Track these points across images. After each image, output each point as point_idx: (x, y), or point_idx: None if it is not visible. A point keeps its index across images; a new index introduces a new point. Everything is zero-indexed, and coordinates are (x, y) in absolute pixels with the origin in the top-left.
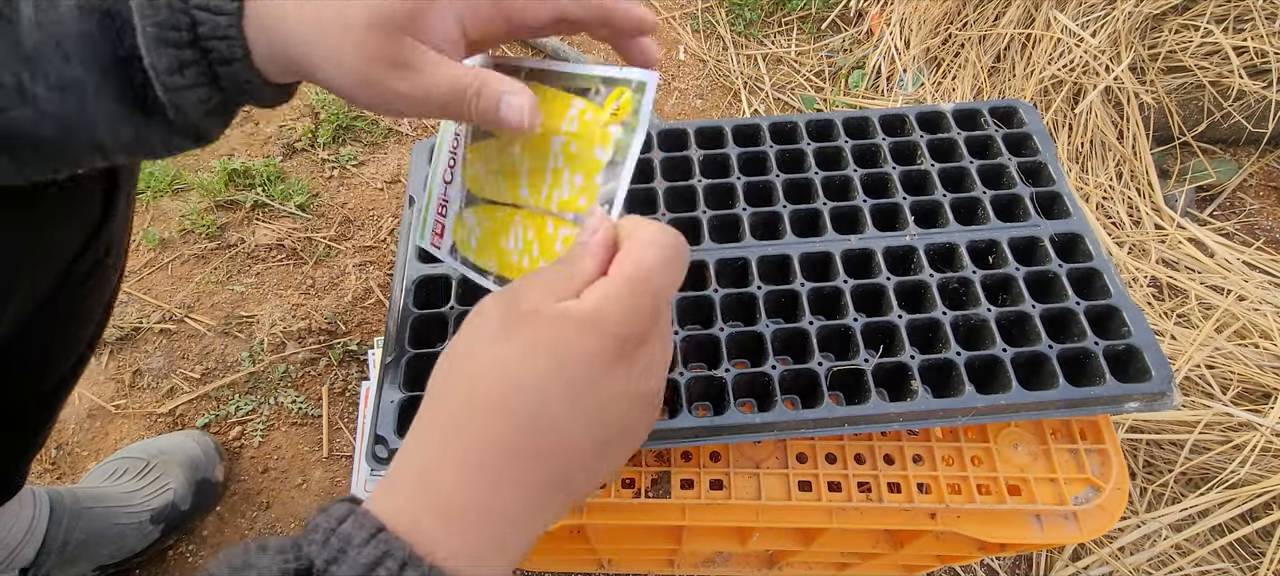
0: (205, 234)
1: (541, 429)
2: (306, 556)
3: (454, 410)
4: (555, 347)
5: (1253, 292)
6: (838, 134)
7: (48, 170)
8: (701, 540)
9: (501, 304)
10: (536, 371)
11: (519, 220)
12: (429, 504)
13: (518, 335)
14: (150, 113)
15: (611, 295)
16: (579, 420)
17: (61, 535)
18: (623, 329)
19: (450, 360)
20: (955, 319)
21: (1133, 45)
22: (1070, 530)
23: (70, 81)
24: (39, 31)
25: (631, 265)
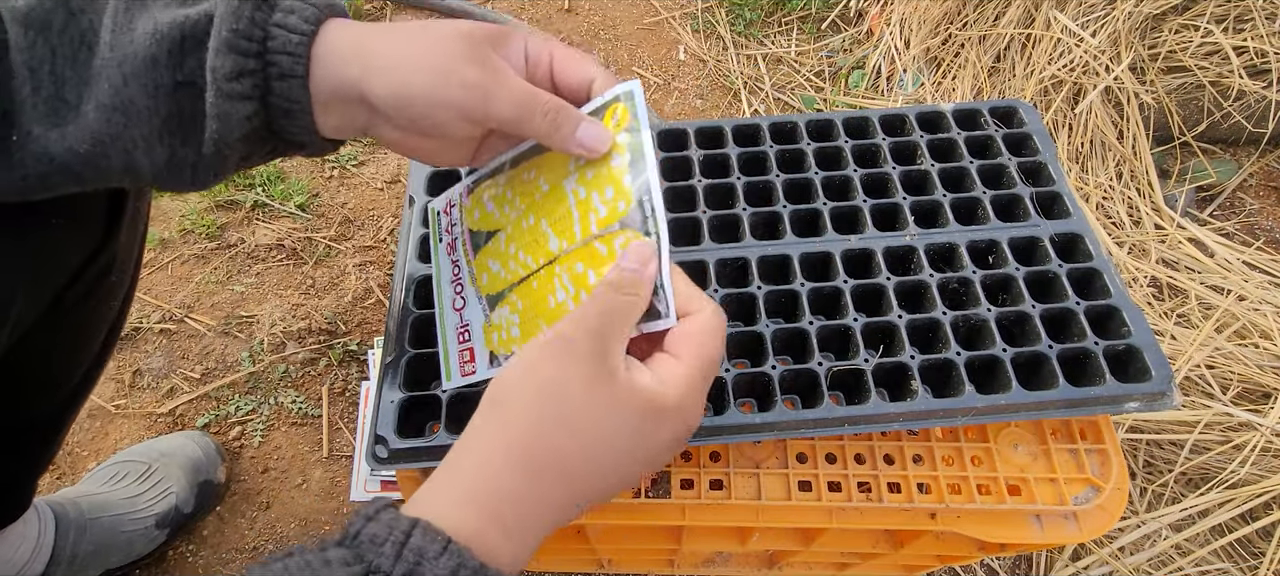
0: (205, 234)
1: (607, 476)
2: (379, 568)
3: (534, 440)
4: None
5: (1253, 292)
6: (838, 134)
7: (71, 186)
8: (701, 540)
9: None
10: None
11: (560, 269)
12: (496, 519)
13: (608, 397)
14: (188, 139)
15: (693, 387)
16: (637, 469)
17: (69, 548)
18: (694, 420)
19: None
20: (955, 319)
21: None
22: (1070, 530)
23: (122, 102)
24: (110, 52)
25: (699, 358)
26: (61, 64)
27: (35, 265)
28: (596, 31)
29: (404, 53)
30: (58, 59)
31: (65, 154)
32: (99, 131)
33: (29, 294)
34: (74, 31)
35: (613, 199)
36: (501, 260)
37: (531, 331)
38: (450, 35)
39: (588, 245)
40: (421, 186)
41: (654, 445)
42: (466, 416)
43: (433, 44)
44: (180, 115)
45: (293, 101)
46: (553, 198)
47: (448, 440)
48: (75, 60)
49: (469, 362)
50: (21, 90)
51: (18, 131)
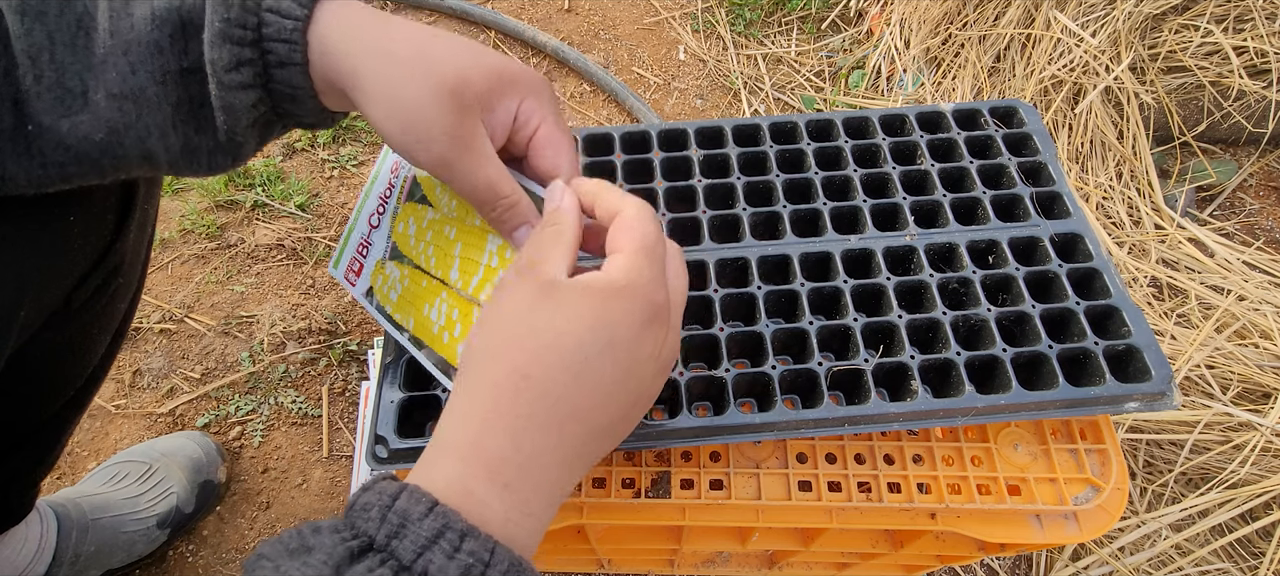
0: (205, 234)
1: (584, 387)
2: (365, 533)
3: (500, 376)
4: (597, 312)
5: (1253, 293)
6: (838, 134)
7: (92, 177)
8: (701, 540)
9: (525, 276)
10: (579, 333)
11: (445, 297)
12: (480, 469)
13: (557, 303)
14: (201, 126)
15: (635, 266)
16: (616, 377)
17: (71, 549)
18: (652, 295)
19: (488, 331)
20: (955, 319)
21: (1133, 45)
22: (1070, 530)
23: (131, 90)
24: (111, 39)
25: (639, 238)
26: (61, 50)
27: (43, 267)
28: (596, 31)
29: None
30: (56, 45)
31: (80, 143)
32: (113, 120)
33: (37, 296)
34: (70, 16)
35: None
36: (417, 231)
37: (404, 314)
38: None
39: (471, 304)
40: None
41: (626, 333)
42: None
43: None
44: (190, 101)
45: (295, 88)
46: (477, 237)
47: None
48: (73, 46)
49: (356, 275)
50: (25, 79)
51: (32, 122)
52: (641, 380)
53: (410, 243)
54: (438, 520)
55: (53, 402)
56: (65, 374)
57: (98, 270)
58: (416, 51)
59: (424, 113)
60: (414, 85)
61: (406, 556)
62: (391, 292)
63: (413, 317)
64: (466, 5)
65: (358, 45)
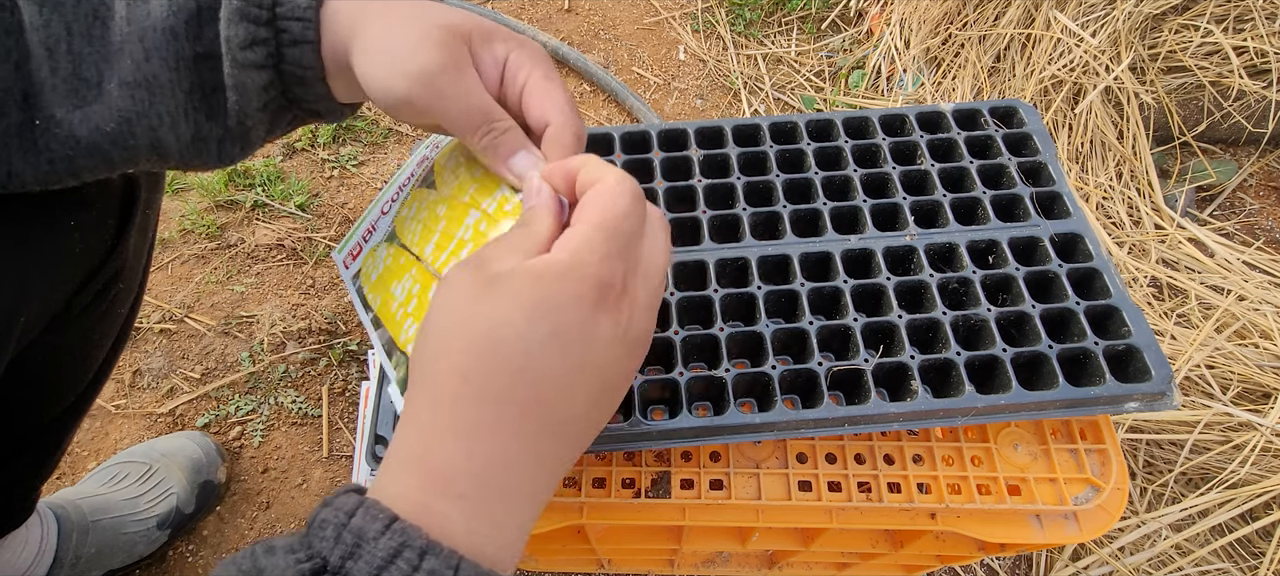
0: (205, 234)
1: (531, 381)
2: (319, 554)
3: (440, 378)
4: (536, 299)
5: (1253, 293)
6: (838, 134)
7: (100, 170)
8: (701, 540)
9: (470, 270)
10: (518, 324)
11: (414, 272)
12: (433, 482)
13: (495, 294)
14: (213, 113)
15: (585, 243)
16: (568, 366)
17: (72, 550)
18: (602, 273)
19: (427, 333)
20: (955, 319)
21: (1133, 45)
22: (1070, 530)
23: (145, 77)
24: (127, 26)
25: (598, 212)
26: (78, 40)
27: (45, 273)
28: (596, 31)
29: (385, 35)
30: (74, 36)
31: (91, 134)
32: (124, 108)
33: (38, 301)
34: (86, 6)
35: None
36: (414, 214)
37: (376, 293)
38: (433, 23)
39: (433, 277)
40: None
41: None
42: None
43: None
44: (202, 88)
45: (305, 68)
46: (461, 211)
47: None
48: (90, 36)
49: (353, 257)
50: (40, 71)
51: (40, 115)
52: (604, 366)
53: (406, 224)
54: (395, 538)
55: (54, 407)
56: (66, 378)
57: (99, 275)
58: (416, 7)
59: (413, 40)
60: (407, 25)
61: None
62: (372, 273)
63: (381, 298)
64: (466, 5)
65: (359, 11)
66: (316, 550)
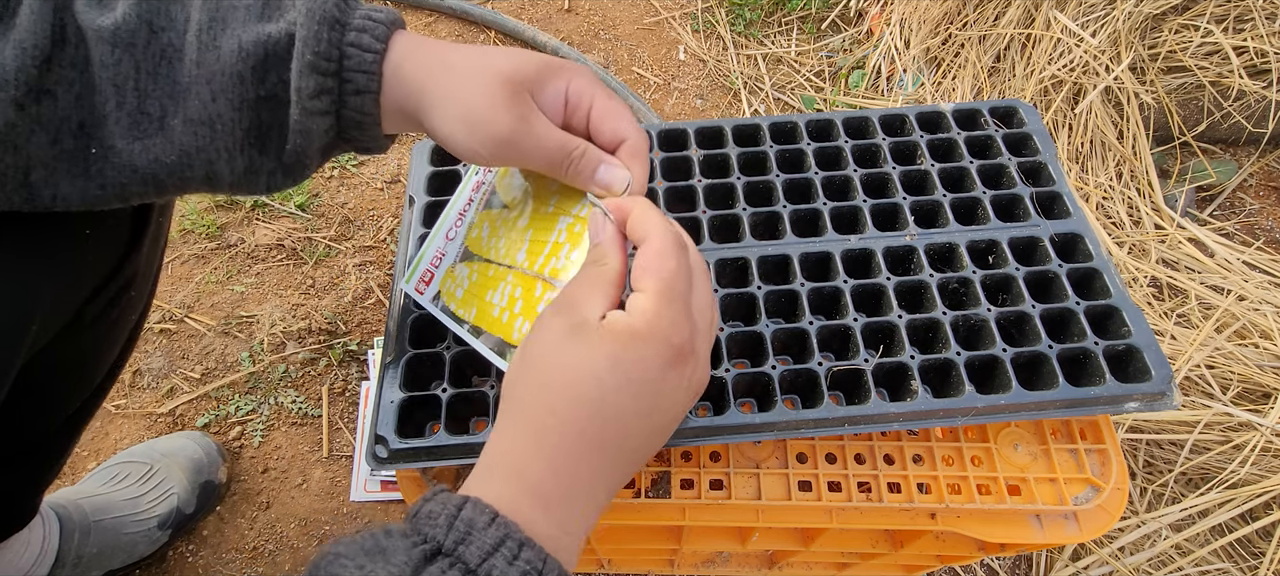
0: (205, 234)
1: (606, 422)
2: (433, 538)
3: (537, 412)
4: (616, 356)
5: (1253, 293)
6: (838, 134)
7: (151, 196)
8: (701, 540)
9: (561, 315)
10: (601, 376)
11: (511, 279)
12: (527, 492)
13: (582, 345)
14: (266, 149)
15: (656, 311)
16: (639, 410)
17: (73, 550)
18: (672, 338)
19: (524, 366)
20: (955, 319)
21: (1133, 45)
22: (1070, 530)
23: (209, 116)
24: (197, 69)
25: (656, 279)
26: (144, 79)
27: (57, 282)
28: (596, 31)
29: (454, 95)
30: (142, 74)
31: (150, 165)
32: (186, 144)
33: (52, 306)
34: (155, 48)
35: (574, 263)
36: (491, 232)
37: (466, 307)
38: (495, 79)
39: (535, 280)
40: (422, 186)
41: (644, 371)
42: (467, 416)
43: (478, 89)
44: (260, 127)
45: (365, 115)
46: (548, 220)
47: (448, 440)
48: (156, 75)
49: (425, 283)
50: (106, 105)
51: (97, 144)
52: (667, 409)
53: (482, 243)
54: (499, 530)
55: (61, 412)
56: (74, 385)
57: (111, 284)
58: (470, 60)
59: (483, 103)
60: (471, 84)
61: (473, 560)
62: (457, 290)
63: (475, 307)
64: (467, 5)
65: (423, 69)
66: (429, 536)
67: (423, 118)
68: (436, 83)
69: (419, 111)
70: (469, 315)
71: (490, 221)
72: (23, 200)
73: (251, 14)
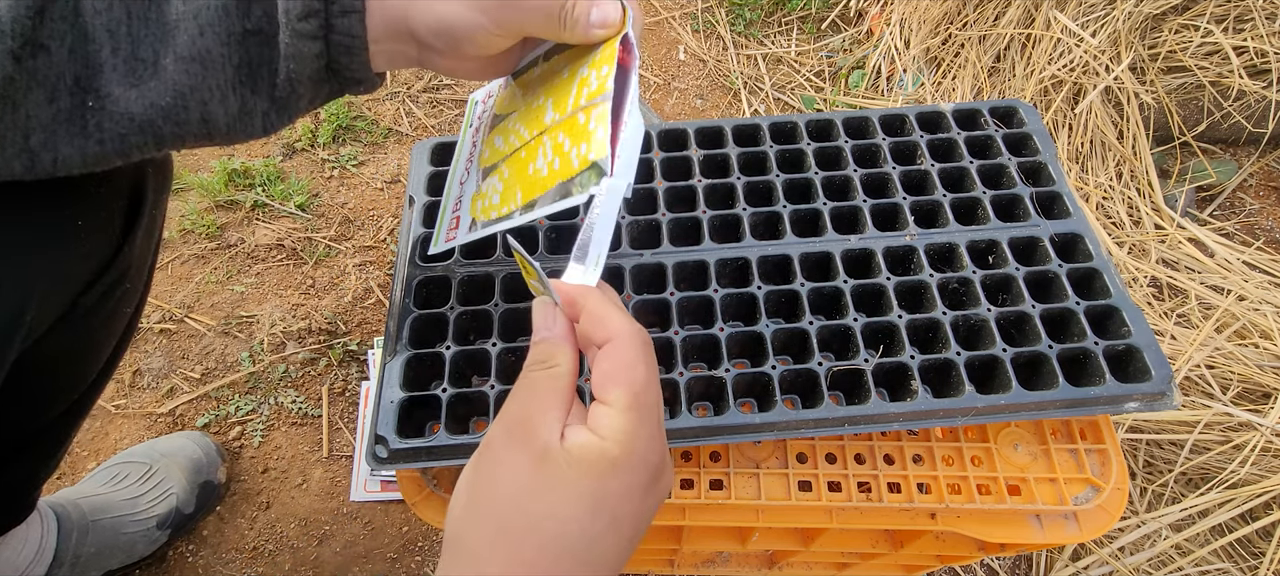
0: (205, 234)
1: (591, 563)
2: None
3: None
4: (596, 494)
5: (1253, 292)
6: (838, 134)
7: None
8: (701, 540)
9: (515, 443)
10: (582, 520)
11: (546, 139)
12: None
13: (550, 481)
14: (257, 87)
15: (629, 430)
16: (622, 539)
17: (71, 549)
18: (650, 458)
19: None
20: (955, 319)
21: (1133, 45)
22: (1070, 530)
23: (198, 52)
24: (184, 5)
25: (629, 394)
26: (136, 23)
27: (53, 270)
28: None
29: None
30: (133, 19)
31: (146, 110)
32: (179, 83)
33: (43, 300)
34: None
35: (604, 76)
36: (504, 135)
37: (509, 199)
38: None
39: (572, 117)
40: (422, 186)
41: (626, 504)
42: (467, 416)
43: None
44: (250, 63)
45: (352, 37)
46: (566, 82)
47: (448, 440)
48: (147, 18)
49: (453, 229)
50: (101, 53)
51: (94, 96)
52: (645, 527)
53: (499, 148)
54: None
55: (57, 406)
56: (70, 378)
57: (105, 275)
58: None
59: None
60: None
61: None
62: (492, 198)
63: (518, 190)
64: None
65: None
66: None
67: (411, 22)
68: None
69: (408, 15)
70: (516, 201)
71: (500, 131)
72: (24, 167)
73: None
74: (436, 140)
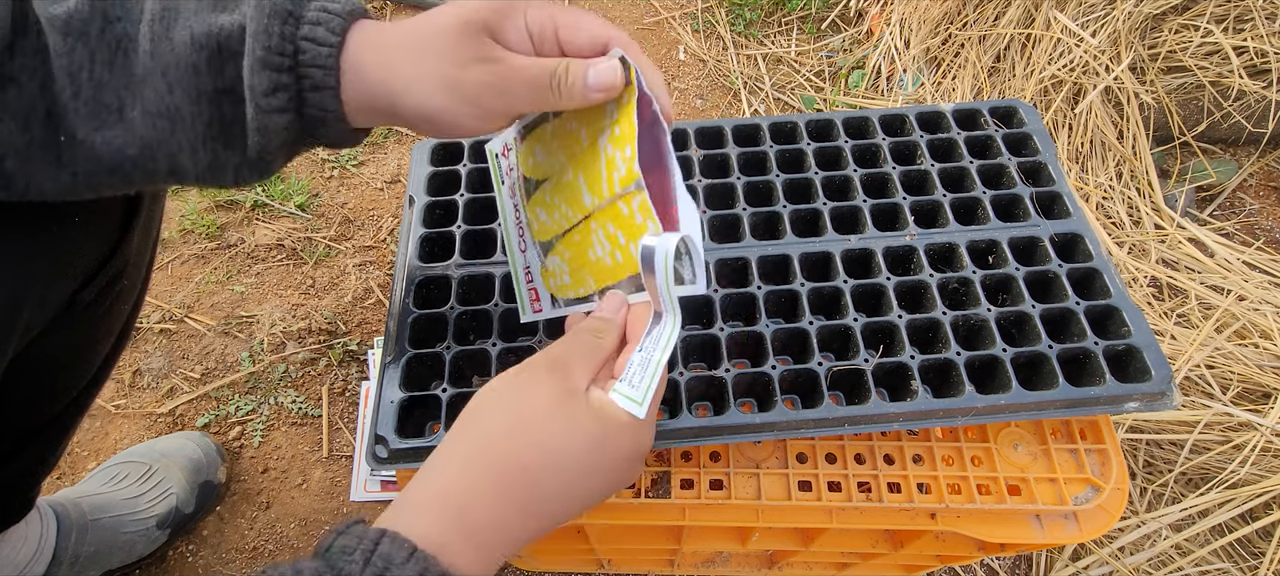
0: (205, 234)
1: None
2: (347, 574)
3: (504, 463)
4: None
5: (1253, 292)
6: (838, 134)
7: (119, 187)
8: (701, 540)
9: (552, 374)
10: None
11: (595, 226)
12: (460, 531)
13: (568, 415)
14: (230, 143)
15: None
16: (593, 491)
17: (71, 549)
18: (646, 437)
19: (497, 405)
20: (955, 319)
21: (1133, 45)
22: (1070, 530)
23: (167, 108)
24: (151, 60)
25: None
26: (99, 69)
27: (50, 266)
28: None
29: (419, 69)
30: (96, 64)
31: (113, 155)
32: (147, 136)
33: (43, 294)
34: (110, 37)
35: (629, 158)
36: (547, 210)
37: (580, 282)
38: (452, 35)
39: (613, 205)
40: (422, 186)
41: (614, 460)
42: None
43: (440, 51)
44: (222, 120)
45: (326, 110)
46: (590, 153)
47: None
48: (112, 64)
49: (536, 302)
50: (63, 94)
51: (66, 132)
52: (612, 489)
53: (549, 225)
54: (418, 564)
55: (56, 403)
56: (69, 375)
57: (103, 272)
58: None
59: (450, 64)
60: (432, 54)
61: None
62: (564, 278)
63: (590, 276)
64: None
65: (383, 61)
66: (345, 571)
67: (396, 108)
68: (399, 70)
69: (391, 102)
70: (588, 286)
71: (540, 203)
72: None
73: (204, 4)
74: (436, 141)
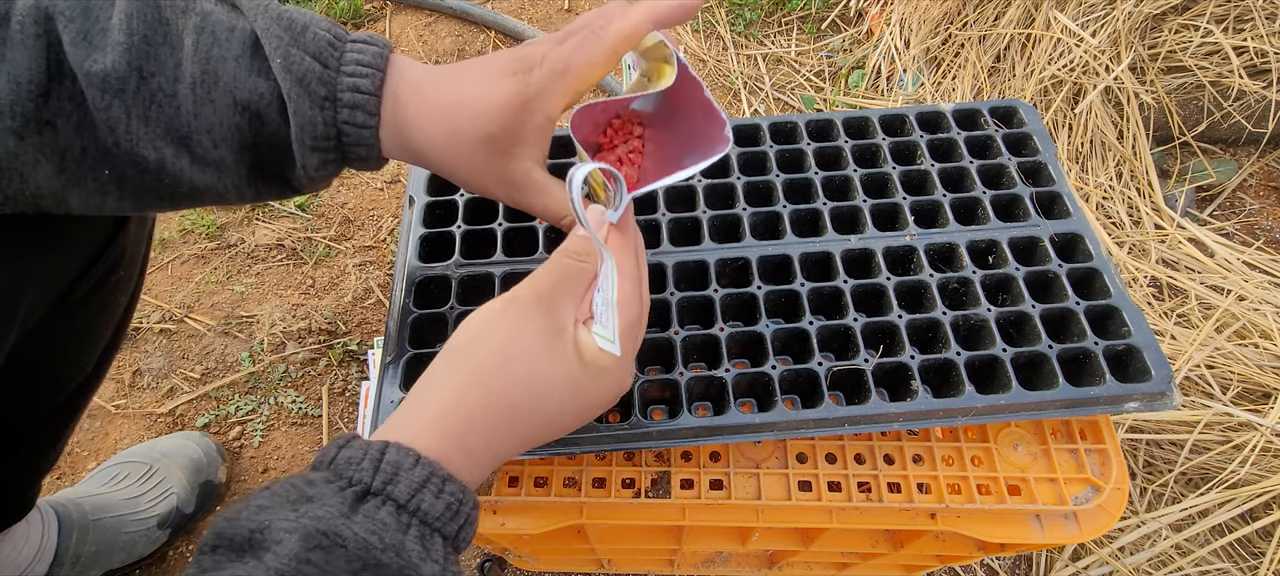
0: (205, 234)
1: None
2: (359, 481)
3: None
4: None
5: (1253, 292)
6: (838, 134)
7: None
8: (701, 540)
9: (541, 311)
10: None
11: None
12: (457, 448)
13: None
14: (270, 180)
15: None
16: (567, 423)
17: (72, 548)
18: (625, 378)
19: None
20: (955, 319)
21: (1133, 45)
22: (1070, 530)
23: (215, 160)
24: (195, 120)
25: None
26: (135, 123)
27: (47, 255)
28: None
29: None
30: (133, 119)
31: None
32: (196, 182)
33: (40, 284)
34: (145, 93)
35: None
36: None
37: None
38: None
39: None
40: (422, 186)
41: (590, 398)
42: None
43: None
44: (262, 164)
45: (366, 162)
46: None
47: None
48: (148, 119)
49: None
50: (105, 140)
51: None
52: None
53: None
54: (424, 469)
55: (55, 397)
56: (67, 368)
57: (99, 262)
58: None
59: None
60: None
61: (402, 497)
62: None
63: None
64: (466, 5)
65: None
66: (355, 478)
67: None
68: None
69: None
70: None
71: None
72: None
73: (241, 66)
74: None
